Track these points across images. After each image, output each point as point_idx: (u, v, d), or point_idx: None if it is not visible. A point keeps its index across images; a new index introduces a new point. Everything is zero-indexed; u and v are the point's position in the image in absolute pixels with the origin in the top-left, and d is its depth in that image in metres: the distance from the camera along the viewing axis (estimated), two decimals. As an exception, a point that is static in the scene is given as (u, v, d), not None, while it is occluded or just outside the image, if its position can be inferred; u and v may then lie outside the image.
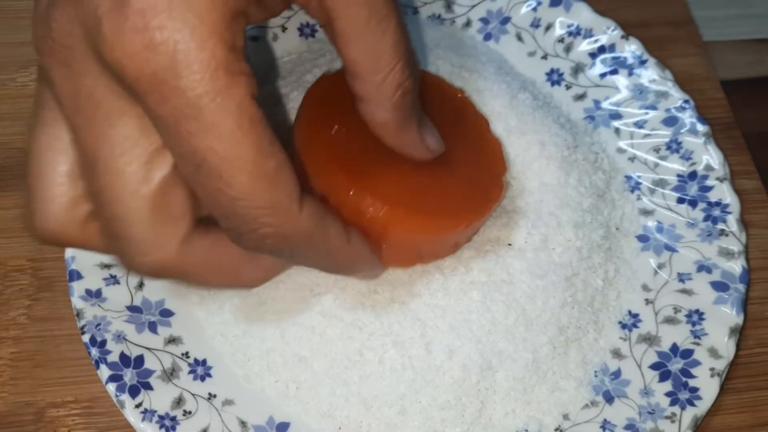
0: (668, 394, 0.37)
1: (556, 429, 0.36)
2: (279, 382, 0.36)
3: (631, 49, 0.46)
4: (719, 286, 0.39)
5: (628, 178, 0.43)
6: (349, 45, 0.28)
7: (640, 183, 0.43)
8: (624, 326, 0.39)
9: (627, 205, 0.42)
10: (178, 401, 0.35)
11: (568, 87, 0.46)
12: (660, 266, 0.40)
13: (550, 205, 0.39)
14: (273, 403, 0.36)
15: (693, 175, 0.42)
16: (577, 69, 0.46)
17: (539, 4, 0.47)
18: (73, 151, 0.27)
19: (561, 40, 0.47)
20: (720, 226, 0.41)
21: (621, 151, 0.44)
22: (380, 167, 0.32)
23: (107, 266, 0.38)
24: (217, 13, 0.23)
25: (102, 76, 0.25)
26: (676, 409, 0.36)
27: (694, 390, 0.37)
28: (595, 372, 0.38)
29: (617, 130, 0.44)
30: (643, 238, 0.41)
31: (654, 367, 0.38)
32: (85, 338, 0.36)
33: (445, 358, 0.35)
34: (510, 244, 0.37)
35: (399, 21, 0.28)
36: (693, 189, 0.42)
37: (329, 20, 0.28)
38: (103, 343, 0.36)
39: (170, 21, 0.23)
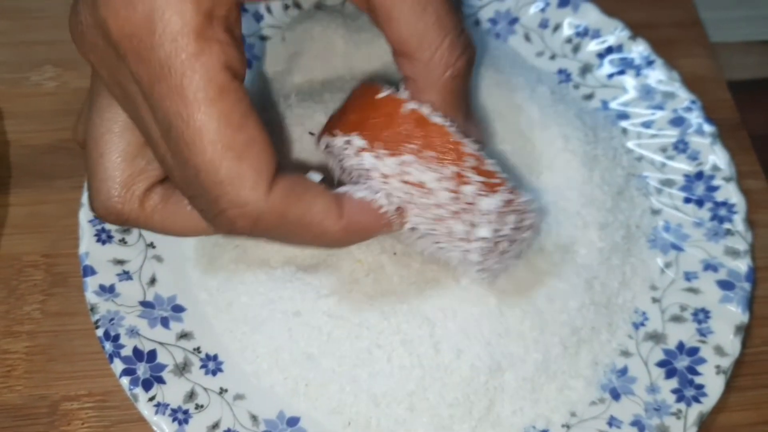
0: (674, 391, 0.37)
1: (564, 425, 0.36)
2: (288, 379, 0.37)
3: (638, 50, 0.46)
4: (725, 285, 0.39)
5: (636, 177, 0.43)
6: (391, 24, 0.28)
7: (647, 183, 0.43)
8: (632, 325, 0.39)
9: (645, 203, 0.42)
10: (191, 395, 0.36)
11: (576, 87, 0.46)
12: (667, 265, 0.41)
13: (576, 204, 0.39)
14: (283, 398, 0.37)
15: (700, 175, 0.43)
16: (585, 69, 0.46)
17: (547, 4, 0.47)
18: (128, 132, 0.28)
19: (569, 40, 0.47)
20: (726, 225, 0.41)
21: (628, 151, 0.44)
22: None
23: (120, 262, 0.38)
24: None
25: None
26: (682, 405, 0.36)
27: (700, 387, 0.37)
28: (604, 370, 0.38)
29: (625, 130, 0.45)
30: (650, 237, 0.42)
31: (660, 364, 0.38)
32: (99, 333, 0.36)
33: (453, 357, 0.35)
34: (542, 249, 0.37)
35: None
36: (700, 189, 0.42)
37: (370, 3, 0.27)
38: (117, 337, 0.36)
39: None
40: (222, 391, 0.36)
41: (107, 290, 0.37)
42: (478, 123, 0.32)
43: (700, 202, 0.42)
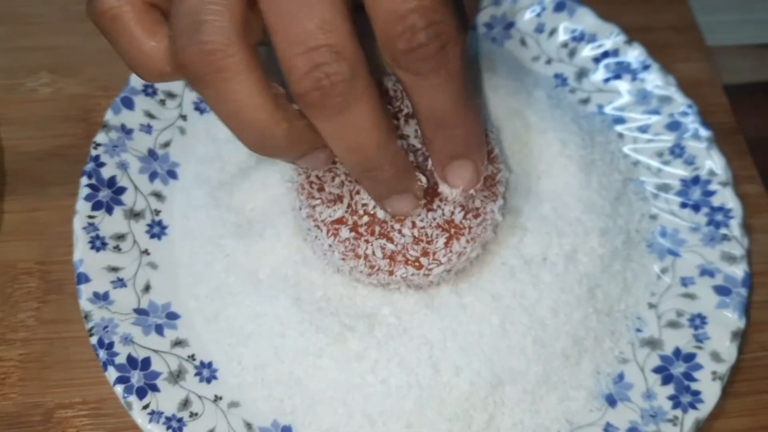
0: (670, 398, 0.37)
1: (560, 433, 0.36)
2: (271, 397, 0.36)
3: (634, 54, 0.46)
4: (721, 290, 0.39)
5: (633, 182, 0.43)
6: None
7: (644, 187, 0.43)
8: (635, 331, 0.39)
9: (643, 207, 0.42)
10: (185, 403, 0.36)
11: (572, 91, 0.46)
12: (663, 270, 0.41)
13: (576, 211, 0.39)
14: (269, 414, 0.36)
15: (696, 180, 0.43)
16: (581, 74, 0.46)
17: (543, 9, 0.47)
18: None
19: (565, 45, 0.47)
20: (722, 230, 0.41)
21: (625, 155, 0.44)
22: None
23: (114, 269, 0.38)
24: None
25: None
26: (678, 412, 0.36)
27: (696, 393, 0.37)
28: (606, 380, 0.38)
29: (621, 135, 0.44)
30: (649, 242, 0.41)
31: (656, 370, 0.38)
32: (93, 340, 0.36)
33: (452, 375, 0.35)
34: (545, 259, 0.37)
35: None
36: (696, 194, 0.42)
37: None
38: (111, 345, 0.36)
39: None
40: (216, 399, 0.36)
41: (101, 297, 0.37)
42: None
43: (696, 207, 0.42)
